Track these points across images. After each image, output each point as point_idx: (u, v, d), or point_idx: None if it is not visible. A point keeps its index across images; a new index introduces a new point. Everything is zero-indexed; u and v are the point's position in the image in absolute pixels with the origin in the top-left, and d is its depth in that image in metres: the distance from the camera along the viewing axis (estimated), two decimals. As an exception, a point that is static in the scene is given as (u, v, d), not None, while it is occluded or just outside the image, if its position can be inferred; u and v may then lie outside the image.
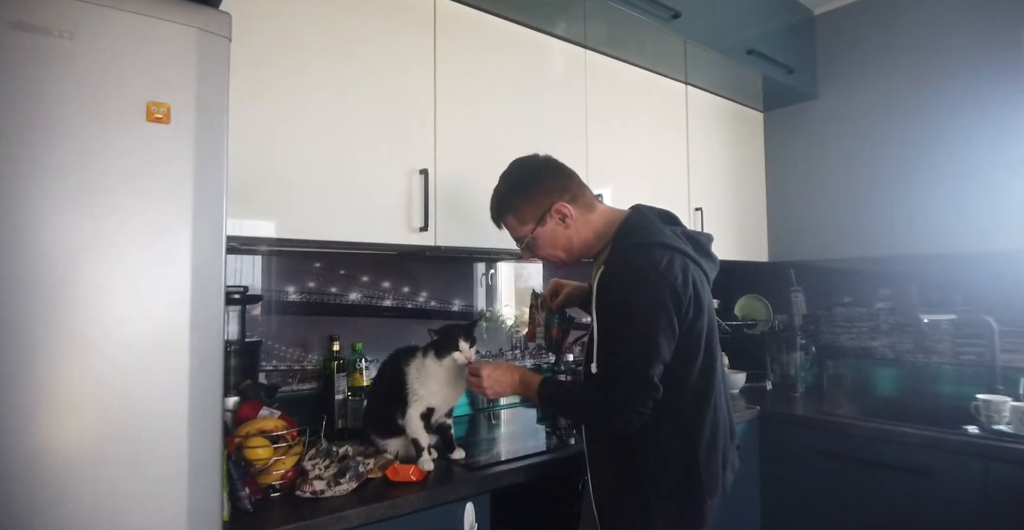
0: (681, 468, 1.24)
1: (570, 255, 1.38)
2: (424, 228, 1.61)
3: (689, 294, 1.22)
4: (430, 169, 1.63)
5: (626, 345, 1.18)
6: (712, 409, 1.29)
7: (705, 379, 1.27)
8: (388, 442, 1.48)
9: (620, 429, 1.20)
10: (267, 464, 1.24)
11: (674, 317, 1.19)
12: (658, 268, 1.19)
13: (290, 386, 1.73)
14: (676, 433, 1.24)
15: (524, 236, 1.36)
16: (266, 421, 1.27)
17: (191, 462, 0.96)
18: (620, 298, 1.20)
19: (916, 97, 2.41)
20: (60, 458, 0.86)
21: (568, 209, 1.32)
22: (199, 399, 0.97)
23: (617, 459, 1.26)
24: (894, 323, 2.43)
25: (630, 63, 2.21)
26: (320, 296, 1.81)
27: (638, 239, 1.25)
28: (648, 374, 1.17)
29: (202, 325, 0.97)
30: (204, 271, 0.98)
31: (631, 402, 1.17)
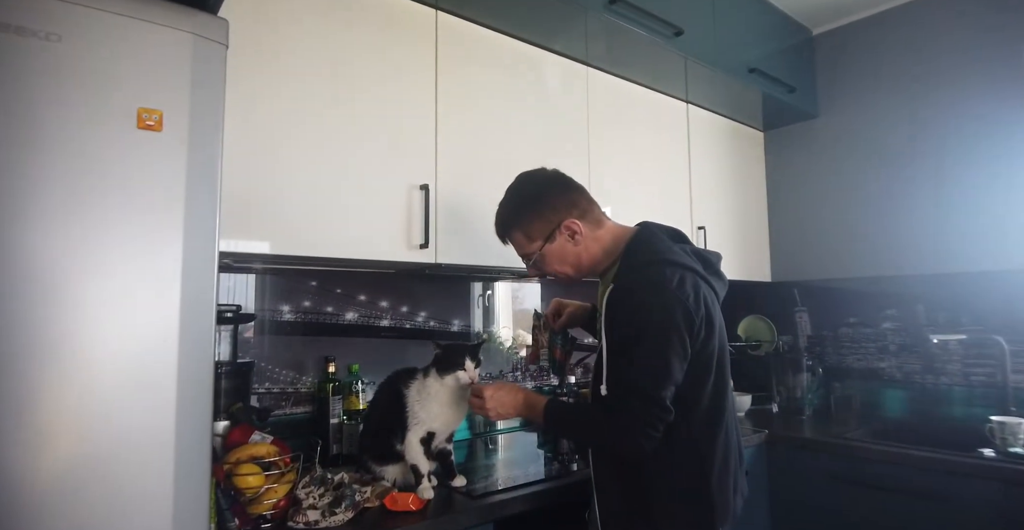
0: (692, 494, 1.18)
1: (578, 272, 1.34)
2: (424, 245, 1.56)
3: (701, 313, 1.17)
4: (431, 184, 1.59)
5: (637, 366, 1.13)
6: (724, 432, 1.23)
7: (716, 402, 1.22)
8: (385, 469, 1.41)
9: (630, 453, 1.15)
10: (258, 493, 1.17)
11: (686, 337, 1.14)
12: (670, 286, 1.15)
13: (283, 409, 1.66)
14: (687, 458, 1.18)
15: (532, 253, 1.32)
16: (257, 447, 1.20)
17: (176, 490, 0.89)
18: (630, 317, 1.15)
19: (918, 114, 2.41)
20: (37, 481, 0.79)
21: (578, 226, 1.28)
22: (186, 423, 0.91)
23: (625, 485, 1.20)
24: (901, 344, 2.38)
25: (632, 81, 2.20)
26: (316, 316, 1.75)
27: (648, 257, 1.21)
28: (660, 396, 1.11)
29: (191, 344, 0.92)
30: (195, 286, 0.93)
31: (641, 425, 1.11)
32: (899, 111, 2.46)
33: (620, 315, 1.16)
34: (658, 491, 1.17)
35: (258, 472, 1.18)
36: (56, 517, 0.80)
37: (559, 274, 1.35)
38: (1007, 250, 2.15)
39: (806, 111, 2.64)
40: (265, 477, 1.18)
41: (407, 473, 1.40)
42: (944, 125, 2.34)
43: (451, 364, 1.37)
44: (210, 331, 0.95)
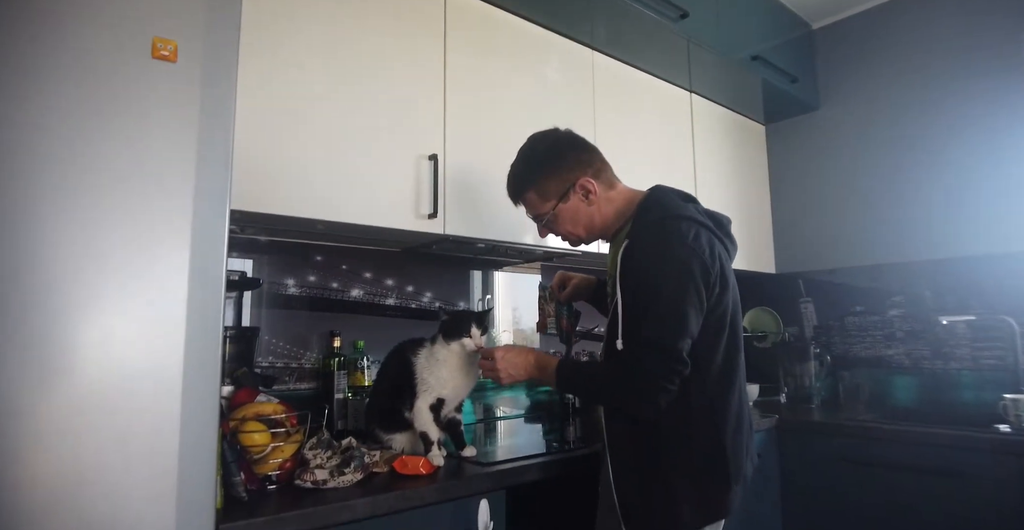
0: (706, 451, 1.15)
1: (590, 234, 1.32)
2: (433, 215, 1.55)
3: (716, 268, 1.16)
4: (440, 155, 1.58)
5: (653, 318, 1.10)
6: (737, 391, 1.21)
7: (730, 360, 1.20)
8: (393, 437, 1.37)
9: (645, 409, 1.12)
10: (264, 451, 1.13)
11: (703, 290, 1.13)
12: (685, 240, 1.14)
13: (287, 385, 1.62)
14: (701, 415, 1.16)
15: (545, 213, 1.30)
16: (264, 405, 1.17)
17: (183, 441, 0.86)
18: (646, 270, 1.13)
19: (919, 103, 2.43)
20: (48, 416, 0.77)
21: (592, 185, 1.27)
22: (194, 374, 0.88)
23: (638, 443, 1.16)
24: (909, 330, 2.37)
25: (636, 67, 2.21)
26: (321, 291, 1.72)
27: (663, 213, 1.20)
28: (677, 348, 1.09)
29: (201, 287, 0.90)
30: (206, 224, 0.91)
31: (658, 379, 1.08)
32: (900, 101, 2.48)
33: (636, 268, 1.14)
34: (672, 448, 1.14)
35: (264, 430, 1.14)
36: (62, 455, 0.77)
37: (571, 236, 1.33)
38: (1013, 232, 2.15)
39: (807, 103, 2.66)
40: (271, 436, 1.15)
41: (416, 441, 1.36)
42: (946, 112, 2.36)
43: (457, 331, 1.35)
44: (221, 263, 0.93)
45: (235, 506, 1.02)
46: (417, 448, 1.36)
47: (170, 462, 0.86)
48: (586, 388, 1.26)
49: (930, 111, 2.40)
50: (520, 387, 2.18)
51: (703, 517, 1.15)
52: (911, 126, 2.45)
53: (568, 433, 1.95)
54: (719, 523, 1.20)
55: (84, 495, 0.79)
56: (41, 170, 0.79)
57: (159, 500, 0.85)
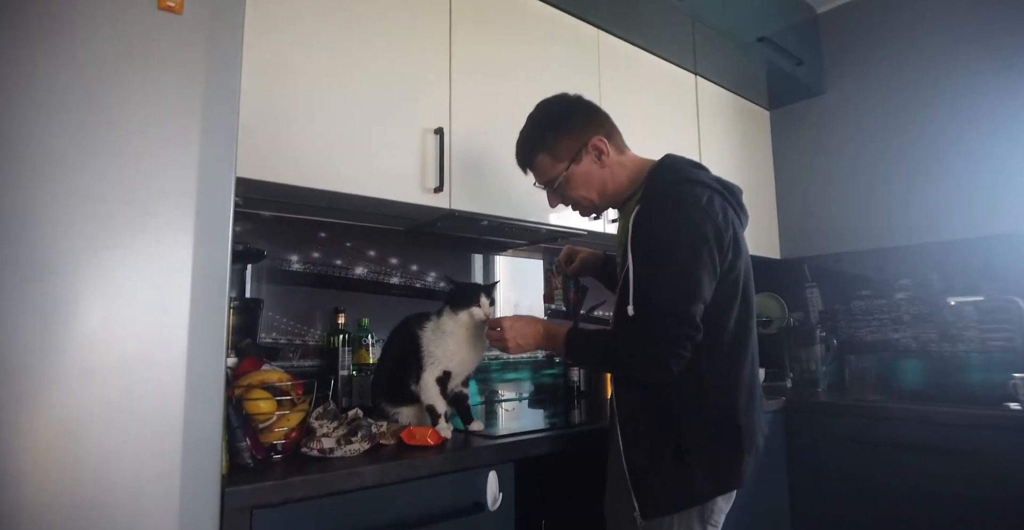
0: (719, 420, 1.14)
1: (602, 198, 1.30)
2: (439, 189, 1.53)
3: (730, 233, 1.14)
4: (445, 128, 1.56)
5: (666, 282, 1.09)
6: (749, 359, 1.19)
7: (742, 327, 1.18)
8: (400, 411, 1.35)
9: (657, 375, 1.09)
10: (270, 420, 1.11)
11: (716, 254, 1.11)
12: (699, 204, 1.12)
13: (290, 361, 1.60)
14: (713, 382, 1.14)
15: (557, 176, 1.27)
16: (269, 373, 1.15)
17: (188, 403, 0.84)
18: (659, 234, 1.11)
19: (924, 85, 2.41)
20: (49, 381, 0.75)
21: (605, 144, 1.25)
22: (199, 335, 0.86)
23: (649, 411, 1.14)
24: (916, 313, 2.35)
25: (642, 48, 2.20)
26: (324, 268, 1.70)
27: (676, 177, 1.19)
28: (689, 312, 1.07)
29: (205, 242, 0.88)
30: (212, 186, 0.89)
31: (670, 344, 1.06)
32: (906, 84, 2.47)
33: (648, 233, 1.12)
34: (684, 417, 1.12)
35: (269, 397, 1.12)
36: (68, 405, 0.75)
37: (583, 201, 1.31)
38: (1022, 212, 2.13)
39: (812, 87, 2.65)
40: (277, 404, 1.13)
41: (422, 416, 1.34)
42: (952, 94, 2.34)
43: (465, 300, 1.33)
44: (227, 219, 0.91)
45: (241, 473, 1.00)
46: (424, 421, 1.34)
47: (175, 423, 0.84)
48: (596, 356, 1.24)
49: (936, 94, 2.38)
50: (525, 369, 2.16)
51: (716, 487, 1.13)
52: (917, 109, 2.43)
53: (572, 416, 1.94)
54: (731, 494, 1.18)
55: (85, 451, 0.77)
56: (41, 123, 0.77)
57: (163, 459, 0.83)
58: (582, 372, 2.19)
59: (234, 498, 0.91)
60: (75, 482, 0.76)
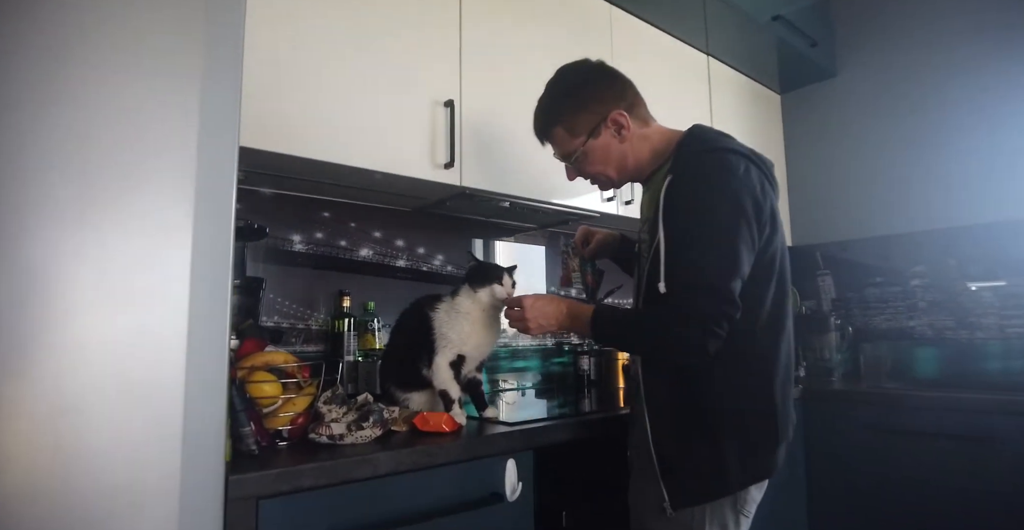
0: (755, 405, 1.07)
1: (621, 175, 1.23)
2: (450, 164, 1.45)
3: (768, 206, 1.08)
4: (456, 101, 1.48)
5: (702, 256, 1.01)
6: (786, 340, 1.12)
7: (779, 306, 1.11)
8: (410, 397, 1.28)
9: (693, 355, 1.02)
10: (275, 404, 1.04)
11: (754, 227, 1.04)
12: (736, 172, 1.05)
13: (293, 346, 1.52)
14: (750, 363, 1.07)
15: (574, 151, 1.20)
16: (274, 354, 1.07)
17: (188, 386, 0.76)
18: (695, 203, 1.04)
19: (939, 67, 2.35)
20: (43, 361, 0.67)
21: (625, 119, 1.17)
22: (199, 309, 0.78)
23: (680, 395, 1.07)
24: (932, 300, 2.30)
25: (653, 25, 2.12)
26: (328, 249, 1.62)
27: (710, 145, 1.11)
28: (727, 288, 1.00)
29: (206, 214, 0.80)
30: (213, 152, 0.81)
31: (707, 322, 0.99)
32: (920, 66, 2.40)
33: (682, 203, 1.05)
34: (718, 401, 1.05)
35: (274, 380, 1.04)
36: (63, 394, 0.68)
37: (600, 177, 1.24)
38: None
39: (825, 69, 2.58)
40: (282, 387, 1.05)
41: (434, 401, 1.27)
42: (968, 76, 2.28)
43: (487, 277, 1.26)
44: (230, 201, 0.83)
45: (245, 460, 0.92)
46: (436, 409, 1.27)
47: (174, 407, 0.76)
48: (626, 336, 1.14)
49: (951, 75, 2.32)
50: (534, 357, 2.10)
51: (750, 475, 1.07)
52: (931, 91, 2.37)
53: (583, 405, 1.87)
54: (764, 483, 1.12)
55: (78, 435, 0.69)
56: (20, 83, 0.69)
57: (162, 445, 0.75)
58: (592, 360, 2.12)
59: (238, 487, 0.84)
60: (66, 468, 0.68)
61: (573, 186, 1.74)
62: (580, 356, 2.13)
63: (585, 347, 2.14)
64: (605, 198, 1.84)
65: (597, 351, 2.14)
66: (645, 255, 1.17)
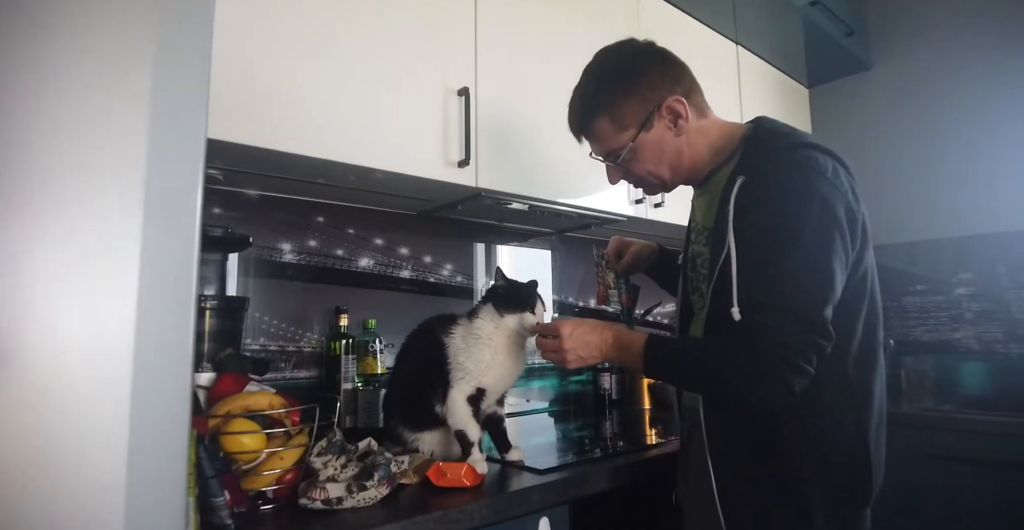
0: (846, 454, 0.88)
1: (675, 175, 1.02)
2: (464, 162, 1.25)
3: (861, 214, 0.90)
4: (471, 89, 1.28)
5: (788, 275, 0.82)
6: (879, 375, 0.93)
7: (871, 334, 0.92)
8: (421, 437, 1.08)
9: (776, 396, 0.82)
10: (257, 459, 0.84)
11: (848, 240, 0.86)
12: (825, 174, 0.86)
13: (282, 372, 1.32)
14: (840, 405, 0.88)
15: (620, 147, 0.99)
16: (257, 397, 0.87)
17: (132, 448, 0.56)
18: (778, 210, 0.84)
19: (985, 58, 2.16)
20: None
21: (683, 106, 0.97)
22: (150, 352, 0.58)
23: (752, 441, 0.88)
24: (979, 310, 2.11)
25: (682, 10, 1.93)
26: (323, 258, 1.42)
27: (788, 140, 0.92)
28: (820, 315, 0.81)
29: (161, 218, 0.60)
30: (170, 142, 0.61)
31: (795, 355, 0.80)
32: (963, 58, 2.21)
33: (760, 211, 0.85)
34: (801, 445, 0.86)
35: (256, 431, 0.84)
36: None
37: (650, 177, 1.03)
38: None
39: (860, 60, 2.39)
40: (266, 438, 0.85)
41: (449, 442, 1.08)
42: (1017, 68, 2.09)
43: (519, 302, 1.06)
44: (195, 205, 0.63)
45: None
46: (451, 450, 1.08)
47: (112, 478, 0.56)
48: (689, 371, 0.91)
49: (997, 69, 2.13)
50: (552, 376, 1.90)
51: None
52: (976, 85, 2.18)
53: (604, 428, 1.68)
54: None
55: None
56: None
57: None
58: (614, 378, 1.93)
59: (207, 583, 0.64)
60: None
61: (598, 186, 1.56)
62: (601, 374, 1.94)
63: (606, 364, 1.95)
64: (633, 200, 1.65)
65: (619, 368, 1.95)
66: (703, 272, 0.98)
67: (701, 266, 0.99)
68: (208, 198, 1.26)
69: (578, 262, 2.00)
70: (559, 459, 1.14)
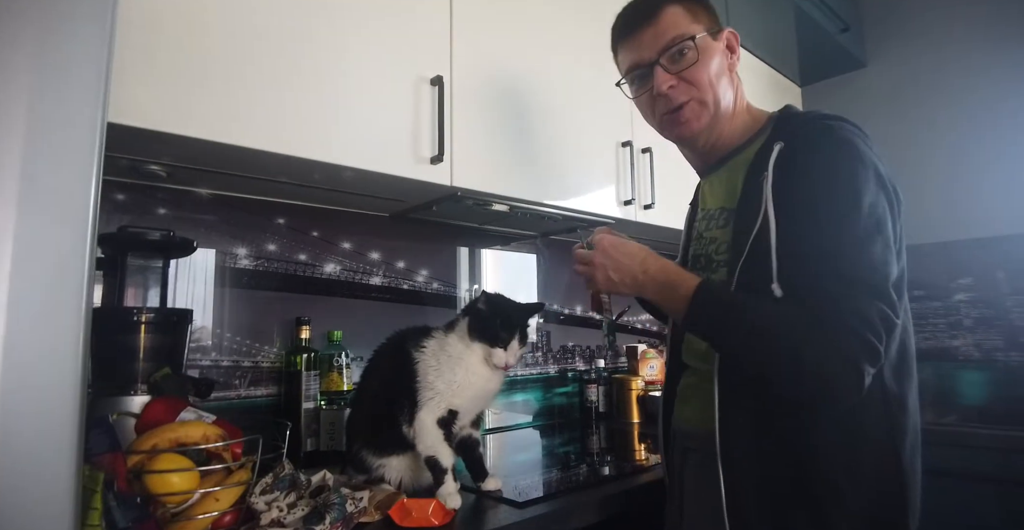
0: (881, 476, 0.76)
1: (714, 113, 0.88)
2: (438, 158, 1.14)
3: (900, 203, 0.82)
4: (445, 78, 1.17)
5: (855, 242, 0.72)
6: (915, 386, 0.82)
7: (906, 341, 0.82)
8: (387, 462, 0.97)
9: (846, 388, 0.69)
10: (187, 502, 0.71)
11: (898, 213, 0.80)
12: (869, 151, 0.78)
13: (236, 390, 1.19)
14: (876, 414, 0.76)
15: (687, 37, 0.86)
16: (189, 427, 0.75)
17: None
18: (832, 175, 0.75)
19: (986, 58, 2.09)
20: None
21: (736, 43, 0.91)
22: (19, 379, 0.47)
23: (773, 457, 0.76)
24: (979, 317, 2.04)
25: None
26: (284, 264, 1.30)
27: (826, 114, 0.84)
28: (888, 288, 0.71)
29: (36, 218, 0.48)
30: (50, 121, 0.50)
31: (869, 331, 0.68)
32: (961, 57, 2.15)
33: (809, 176, 0.76)
34: (829, 467, 0.74)
35: (188, 468, 0.72)
36: None
37: (702, 99, 0.87)
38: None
39: (855, 58, 2.32)
40: (199, 476, 0.73)
41: (419, 468, 0.96)
42: (1016, 67, 2.03)
43: (491, 335, 0.96)
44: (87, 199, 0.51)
45: (129, 604, 0.60)
46: (420, 478, 0.96)
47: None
48: (745, 332, 0.73)
49: (998, 66, 2.06)
50: (535, 388, 1.78)
51: None
52: (974, 83, 2.11)
53: (590, 443, 1.58)
54: None
55: None
56: None
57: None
58: (601, 390, 1.82)
59: None
60: None
61: (585, 186, 1.46)
62: (587, 385, 1.83)
63: (593, 375, 1.84)
64: (622, 201, 1.54)
65: (607, 379, 1.84)
66: (719, 258, 0.87)
67: (716, 253, 0.88)
68: (150, 197, 1.13)
69: (564, 267, 1.89)
70: (542, 488, 1.03)
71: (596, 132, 1.50)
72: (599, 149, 1.50)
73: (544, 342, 1.82)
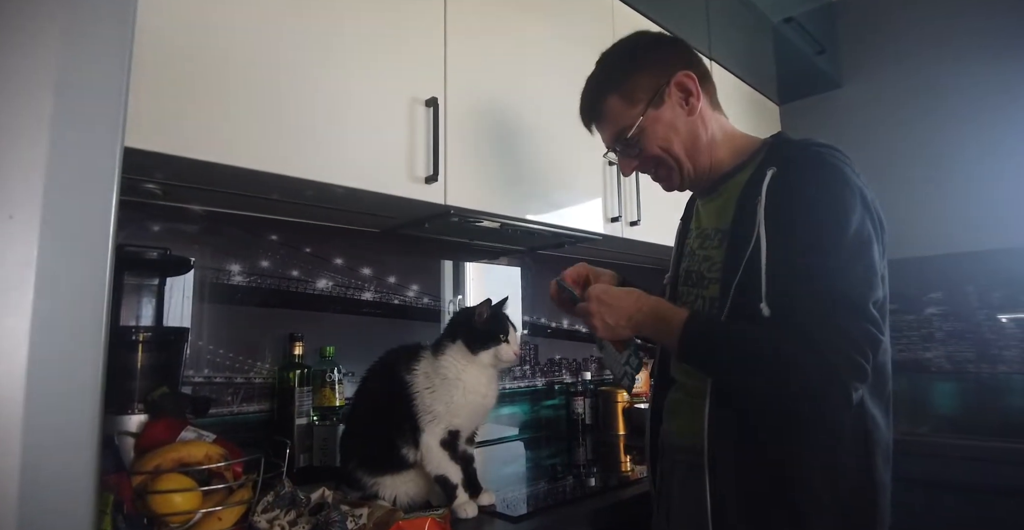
0: (855, 482, 0.80)
1: (691, 159, 0.94)
2: (433, 178, 1.16)
3: (882, 225, 0.85)
4: (440, 99, 1.19)
5: (840, 265, 0.75)
6: (888, 399, 0.87)
7: (884, 358, 0.86)
8: (381, 481, 0.98)
9: (837, 398, 0.73)
10: (191, 521, 0.72)
11: (882, 238, 0.83)
12: (857, 179, 0.82)
13: (228, 408, 1.20)
14: (851, 434, 0.80)
15: (632, 124, 0.92)
16: (191, 447, 0.76)
17: (21, 518, 0.46)
18: (820, 199, 0.79)
19: (956, 80, 2.19)
20: None
21: (694, 83, 0.92)
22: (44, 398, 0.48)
23: (755, 466, 0.80)
24: (950, 330, 2.11)
25: (656, 22, 1.88)
26: (277, 280, 1.31)
27: (819, 143, 0.87)
28: (871, 308, 0.75)
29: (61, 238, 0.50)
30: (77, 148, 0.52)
31: (855, 350, 0.72)
32: (932, 79, 2.24)
33: (799, 200, 0.79)
34: (812, 473, 0.79)
35: (191, 488, 0.73)
36: None
37: (666, 160, 0.94)
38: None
39: (831, 78, 2.40)
40: (202, 495, 0.74)
41: (412, 487, 0.98)
42: (986, 89, 2.12)
43: (491, 334, 0.98)
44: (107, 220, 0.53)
45: (136, 625, 0.61)
46: (414, 496, 0.98)
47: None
48: (735, 361, 0.80)
49: (968, 88, 2.16)
50: (522, 401, 1.81)
51: None
52: (946, 102, 2.20)
53: (577, 455, 1.61)
54: None
55: None
56: None
57: None
58: (587, 402, 1.85)
59: None
60: None
61: (573, 203, 1.49)
62: (574, 397, 1.86)
63: (580, 387, 1.87)
64: (609, 218, 1.58)
65: (593, 391, 1.87)
66: (712, 276, 0.90)
67: (708, 271, 0.91)
68: (145, 215, 1.14)
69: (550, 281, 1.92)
70: (534, 502, 1.05)
71: (584, 152, 1.53)
72: (587, 168, 1.54)
73: (531, 355, 1.84)
